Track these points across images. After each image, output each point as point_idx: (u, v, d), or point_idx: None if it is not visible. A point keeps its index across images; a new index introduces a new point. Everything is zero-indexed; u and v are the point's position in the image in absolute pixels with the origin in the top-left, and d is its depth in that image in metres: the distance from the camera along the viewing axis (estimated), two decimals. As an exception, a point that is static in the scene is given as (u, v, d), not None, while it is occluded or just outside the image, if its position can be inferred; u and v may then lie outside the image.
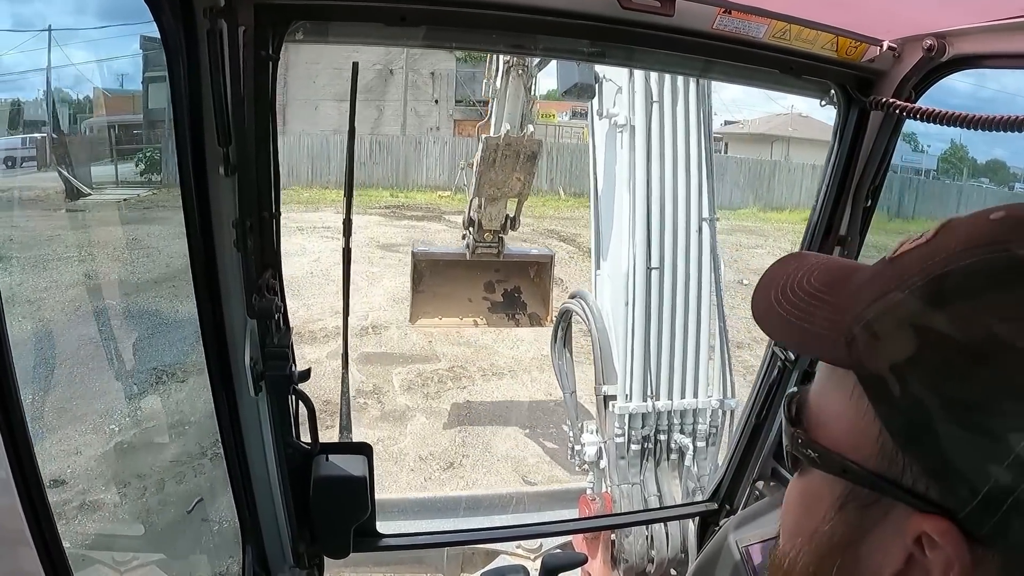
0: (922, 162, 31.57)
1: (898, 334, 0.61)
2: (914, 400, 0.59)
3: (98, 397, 6.42)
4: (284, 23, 1.58)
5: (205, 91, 1.47)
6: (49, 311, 8.25)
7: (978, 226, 0.62)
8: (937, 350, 0.58)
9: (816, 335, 0.69)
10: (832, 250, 2.23)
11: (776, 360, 2.40)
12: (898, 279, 0.63)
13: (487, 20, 1.74)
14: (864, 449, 0.63)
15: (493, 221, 6.47)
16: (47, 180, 13.98)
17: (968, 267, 0.59)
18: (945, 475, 0.58)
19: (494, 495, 6.01)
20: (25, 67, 17.02)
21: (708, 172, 4.22)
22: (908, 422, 0.60)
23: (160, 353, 7.37)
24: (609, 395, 4.20)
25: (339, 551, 2.16)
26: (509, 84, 5.75)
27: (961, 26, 1.71)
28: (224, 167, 1.56)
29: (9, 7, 11.19)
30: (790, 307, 0.72)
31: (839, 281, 0.71)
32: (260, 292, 1.73)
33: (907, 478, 0.60)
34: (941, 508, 0.58)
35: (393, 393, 10.60)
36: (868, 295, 0.65)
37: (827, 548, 0.68)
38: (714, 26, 1.79)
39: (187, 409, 6.34)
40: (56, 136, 15.74)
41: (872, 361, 0.62)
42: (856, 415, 0.64)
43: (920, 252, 0.64)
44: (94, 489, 5.62)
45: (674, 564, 3.93)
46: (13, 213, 11.01)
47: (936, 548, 0.59)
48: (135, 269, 9.97)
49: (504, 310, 7.27)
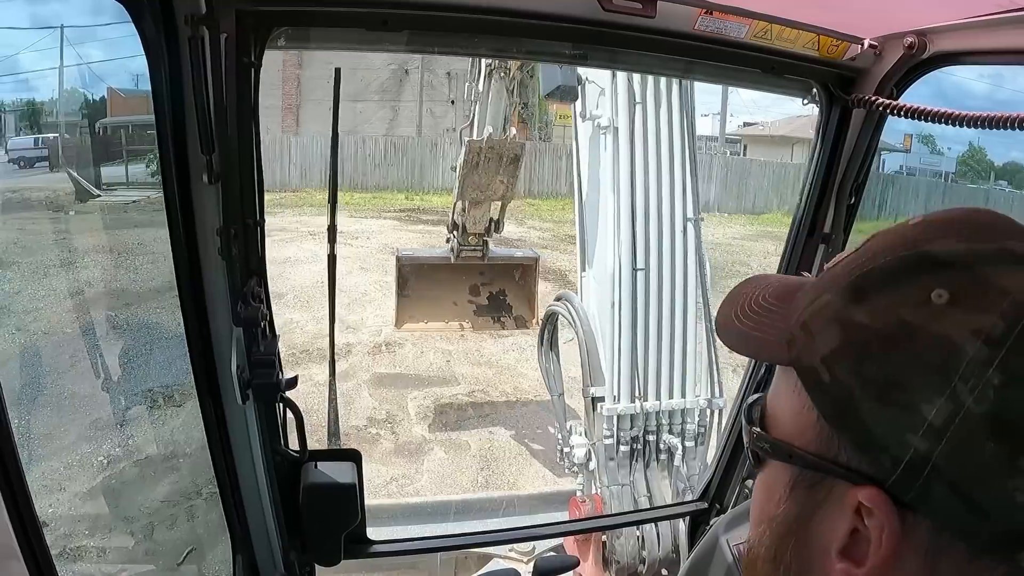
0: (941, 165, 31.67)
1: (828, 329, 0.68)
2: (840, 384, 0.66)
3: (99, 407, 6.40)
4: (266, 30, 1.58)
5: (187, 98, 1.46)
6: (56, 314, 8.19)
7: (898, 232, 0.71)
8: (857, 339, 0.66)
9: (763, 341, 0.77)
10: (817, 247, 2.24)
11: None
12: (829, 283, 0.71)
13: (469, 24, 1.74)
14: (806, 435, 0.71)
15: (477, 224, 6.47)
16: (59, 181, 13.84)
17: (884, 265, 0.67)
18: (871, 448, 0.65)
19: (485, 499, 6.00)
20: (37, 67, 16.86)
21: (692, 172, 4.24)
22: (837, 405, 0.67)
23: (170, 358, 7.29)
24: (597, 397, 4.19)
25: (330, 559, 2.15)
26: (491, 87, 5.76)
27: (941, 23, 1.73)
28: (207, 175, 1.55)
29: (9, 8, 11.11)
30: (747, 320, 0.80)
31: (788, 294, 0.78)
32: (245, 300, 1.72)
33: (842, 456, 0.67)
34: (871, 479, 0.65)
35: (408, 422, 9.59)
36: (805, 300, 0.73)
37: (784, 530, 0.75)
38: (696, 27, 1.79)
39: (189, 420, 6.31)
40: (69, 136, 15.66)
41: (807, 356, 0.70)
42: (799, 406, 0.72)
43: (850, 259, 0.72)
44: (82, 499, 5.58)
45: (665, 564, 3.93)
46: (27, 214, 10.94)
47: (871, 516, 0.65)
48: (140, 275, 9.52)
49: (489, 313, 7.26)
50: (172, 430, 6.35)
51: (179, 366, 6.84)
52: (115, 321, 7.80)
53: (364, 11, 1.64)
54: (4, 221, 10.60)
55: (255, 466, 1.93)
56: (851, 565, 0.67)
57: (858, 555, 0.67)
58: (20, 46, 14.16)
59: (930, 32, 1.76)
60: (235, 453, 1.87)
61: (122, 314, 8.08)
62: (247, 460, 1.91)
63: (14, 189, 12.85)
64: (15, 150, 15.47)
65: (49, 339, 7.38)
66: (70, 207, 12.26)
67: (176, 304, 1.70)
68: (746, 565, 0.83)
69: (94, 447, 6.25)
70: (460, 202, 6.35)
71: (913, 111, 1.76)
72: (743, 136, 34.94)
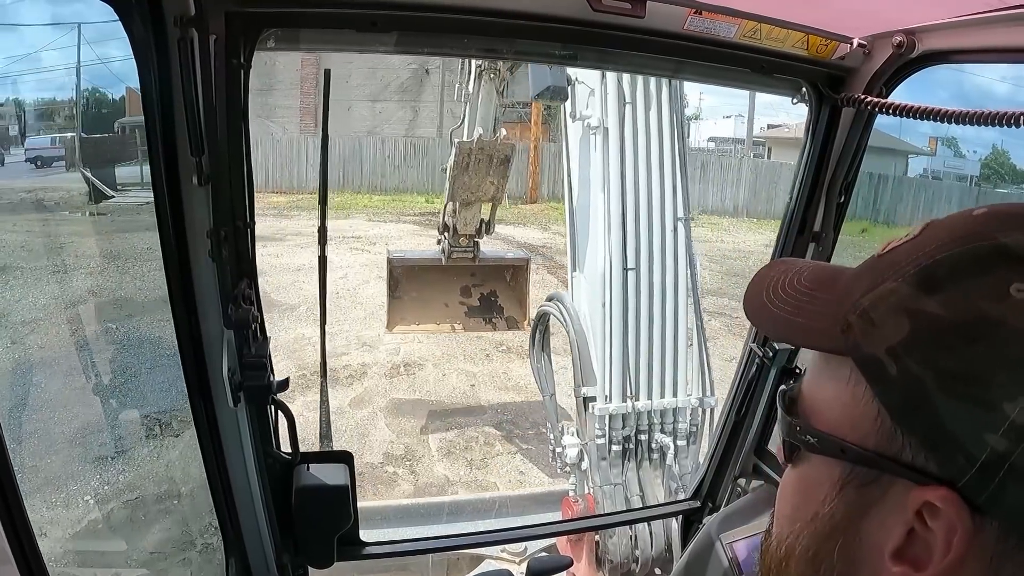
0: (965, 168, 31.50)
1: (893, 318, 0.64)
2: (910, 378, 0.62)
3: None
4: (255, 31, 1.57)
5: (177, 100, 1.45)
6: (69, 315, 8.13)
7: (963, 222, 0.67)
8: (930, 330, 0.62)
9: (809, 328, 0.73)
10: (807, 246, 2.25)
11: (754, 357, 2.43)
12: (890, 270, 0.67)
13: (458, 25, 1.74)
14: (862, 430, 0.67)
15: (468, 226, 6.46)
16: (74, 180, 13.76)
17: (957, 255, 0.63)
18: (943, 446, 0.61)
19: (477, 499, 6.00)
20: (57, 66, 16.80)
21: (682, 172, 4.25)
22: (906, 399, 0.63)
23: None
24: (588, 396, 4.20)
25: (323, 561, 2.15)
26: (481, 88, 5.75)
27: (930, 22, 1.74)
28: (197, 177, 1.54)
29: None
30: (781, 304, 0.77)
31: (828, 280, 0.76)
32: (236, 302, 1.72)
33: (906, 453, 0.63)
34: (940, 479, 0.61)
35: (429, 459, 8.36)
36: (860, 287, 0.69)
37: (828, 529, 0.71)
38: (685, 27, 1.80)
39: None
40: (85, 135, 15.58)
41: (868, 345, 0.66)
42: (853, 399, 0.68)
43: (908, 247, 0.68)
44: (76, 501, 5.55)
45: (659, 563, 3.94)
46: (39, 215, 10.89)
47: (938, 517, 0.61)
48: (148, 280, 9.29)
49: (481, 314, 7.25)
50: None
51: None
52: (130, 323, 7.78)
53: (353, 12, 1.64)
54: (18, 222, 10.51)
55: (247, 468, 1.93)
56: (909, 568, 0.64)
57: (917, 558, 0.64)
58: (26, 46, 14.16)
59: (919, 31, 1.77)
60: (227, 456, 1.87)
61: (136, 316, 8.10)
62: (239, 463, 1.90)
63: (29, 189, 12.73)
64: (32, 149, 15.41)
65: (71, 337, 7.38)
66: (84, 208, 12.15)
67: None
68: (771, 564, 0.79)
69: (105, 443, 6.25)
70: (451, 203, 6.34)
71: (902, 109, 1.77)
72: (768, 138, 34.70)
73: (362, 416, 9.16)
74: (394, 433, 8.84)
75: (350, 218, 20.84)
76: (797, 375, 2.33)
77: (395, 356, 11.08)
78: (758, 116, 33.79)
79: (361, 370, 10.48)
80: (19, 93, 16.00)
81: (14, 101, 15.79)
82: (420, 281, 7.06)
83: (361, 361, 10.78)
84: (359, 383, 10.06)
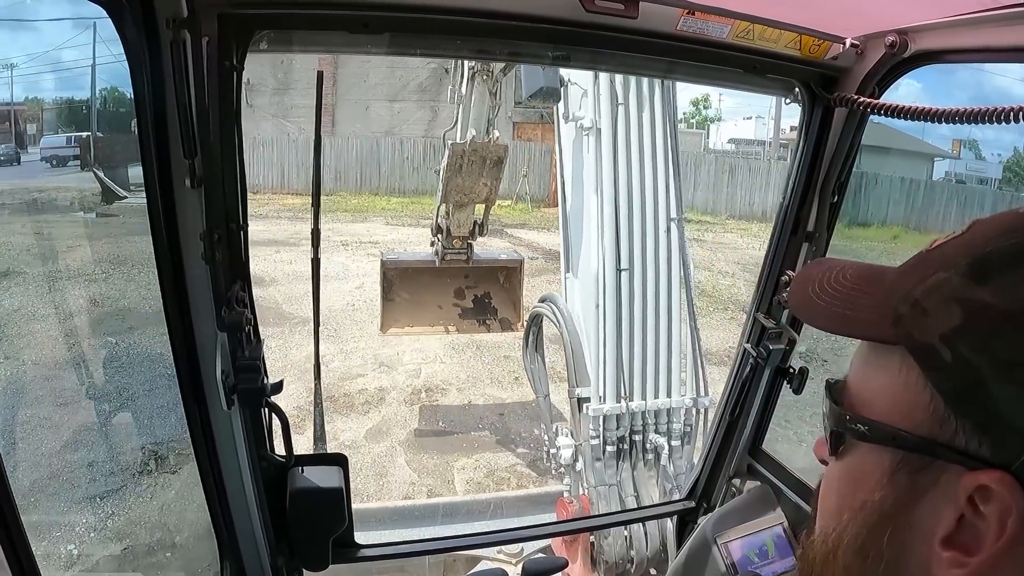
0: (987, 171, 31.38)
1: (946, 307, 0.67)
2: (965, 364, 0.64)
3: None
4: (247, 33, 1.57)
5: (169, 102, 1.45)
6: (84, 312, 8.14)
7: (1010, 219, 0.70)
8: (984, 318, 0.64)
9: (859, 319, 0.75)
10: (800, 246, 2.26)
11: (748, 358, 2.43)
12: (940, 263, 0.70)
13: (451, 26, 1.74)
14: (914, 417, 0.68)
15: (461, 227, 6.45)
16: (88, 180, 13.62)
17: (1006, 248, 0.66)
18: (997, 430, 0.63)
19: (472, 501, 5.99)
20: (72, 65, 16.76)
21: (675, 172, 4.26)
22: (960, 384, 0.65)
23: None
24: (583, 397, 4.20)
25: (318, 563, 2.15)
26: (474, 89, 5.75)
27: (923, 22, 1.74)
28: (190, 179, 1.54)
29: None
30: (829, 299, 0.79)
31: (874, 277, 0.78)
32: (229, 305, 1.71)
33: (959, 439, 0.65)
34: (993, 463, 0.63)
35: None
36: (911, 279, 0.72)
37: (877, 518, 0.72)
38: (678, 27, 1.80)
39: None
40: (101, 134, 15.50)
41: (921, 334, 0.68)
42: (904, 386, 0.70)
43: (957, 242, 0.71)
44: (71, 507, 5.53)
45: (654, 563, 3.94)
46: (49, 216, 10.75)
47: (992, 500, 0.63)
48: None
49: (475, 316, 7.24)
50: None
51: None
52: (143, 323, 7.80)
53: (345, 14, 1.64)
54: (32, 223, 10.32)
55: (241, 471, 1.92)
56: (960, 554, 0.65)
57: (967, 543, 0.65)
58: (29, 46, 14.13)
59: (911, 31, 1.78)
60: (221, 458, 1.86)
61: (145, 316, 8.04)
62: (233, 465, 1.90)
63: (41, 189, 12.56)
64: (48, 148, 15.36)
65: (79, 342, 7.35)
66: (94, 208, 12.04)
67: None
68: (815, 559, 0.80)
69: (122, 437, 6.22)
70: (444, 205, 6.33)
71: (895, 109, 1.77)
72: (790, 141, 34.36)
73: (380, 452, 8.29)
74: (416, 472, 7.96)
75: (368, 221, 20.35)
76: (791, 375, 2.33)
77: (415, 379, 10.28)
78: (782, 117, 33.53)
79: (378, 395, 9.68)
80: (34, 93, 16.00)
81: (30, 101, 15.80)
82: (414, 283, 7.05)
83: (378, 384, 9.95)
84: (376, 411, 9.26)
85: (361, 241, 17.10)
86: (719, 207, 24.95)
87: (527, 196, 23.61)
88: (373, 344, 10.97)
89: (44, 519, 5.25)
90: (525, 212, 22.92)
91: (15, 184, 12.82)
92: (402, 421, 9.06)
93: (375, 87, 24.78)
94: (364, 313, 12.05)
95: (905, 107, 1.73)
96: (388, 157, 24.84)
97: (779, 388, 2.46)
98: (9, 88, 14.78)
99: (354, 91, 24.82)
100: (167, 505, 5.85)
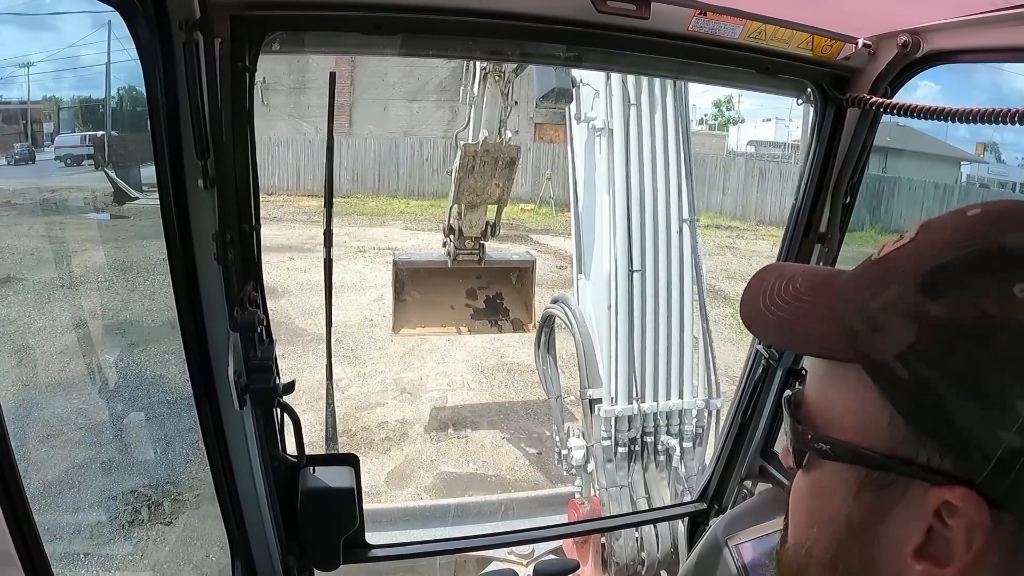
0: (1010, 175, 30.96)
1: (900, 324, 0.65)
2: (922, 381, 0.63)
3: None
4: (260, 34, 1.58)
5: (182, 104, 1.46)
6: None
7: (959, 223, 0.69)
8: (938, 335, 0.63)
9: (811, 334, 0.75)
10: (813, 248, 2.25)
11: (760, 359, 2.42)
12: (891, 275, 0.69)
13: (463, 27, 1.74)
14: (875, 434, 0.68)
15: (474, 228, 6.46)
16: (101, 180, 13.55)
17: (958, 259, 0.65)
18: (959, 446, 0.62)
19: (483, 501, 5.99)
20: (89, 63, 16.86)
21: (687, 173, 4.25)
22: (919, 402, 0.64)
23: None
24: (594, 399, 4.20)
25: (329, 563, 2.15)
26: (486, 90, 5.75)
27: (935, 22, 1.73)
28: (203, 180, 1.55)
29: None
30: (778, 311, 0.78)
31: (824, 285, 0.77)
32: (242, 305, 1.72)
33: (922, 455, 0.65)
34: (957, 478, 0.63)
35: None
36: (862, 293, 0.71)
37: (846, 532, 0.72)
38: (689, 28, 1.80)
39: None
40: (116, 133, 15.56)
41: (877, 352, 0.67)
42: (863, 404, 0.69)
43: (907, 251, 0.70)
44: (82, 506, 5.55)
45: (665, 565, 3.93)
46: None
47: (957, 515, 0.63)
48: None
49: (487, 317, 7.24)
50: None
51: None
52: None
53: (358, 15, 1.64)
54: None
55: (253, 471, 1.93)
56: (931, 566, 0.65)
57: (938, 555, 0.65)
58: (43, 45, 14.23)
59: (924, 31, 1.77)
60: (233, 458, 1.87)
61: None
62: (245, 465, 1.91)
63: (54, 188, 12.42)
64: (62, 148, 15.33)
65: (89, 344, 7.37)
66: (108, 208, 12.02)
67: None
68: (788, 570, 0.81)
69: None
70: (456, 206, 6.34)
71: (907, 109, 1.76)
72: None
73: (404, 499, 7.29)
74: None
75: (386, 225, 19.74)
76: (803, 376, 2.32)
77: (441, 410, 9.22)
78: (797, 118, 33.00)
79: (400, 430, 8.68)
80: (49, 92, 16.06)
81: (44, 100, 15.88)
82: (426, 284, 7.06)
83: (401, 416, 8.96)
84: (398, 448, 8.30)
85: (379, 247, 16.31)
86: (748, 212, 24.38)
87: (551, 200, 23.35)
88: (394, 367, 10.28)
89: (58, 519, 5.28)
90: (549, 216, 22.64)
91: (27, 184, 12.75)
92: (427, 462, 8.12)
93: (393, 86, 24.49)
94: (383, 329, 10.55)
95: (917, 106, 1.72)
96: (407, 158, 24.37)
97: (791, 389, 2.45)
98: (23, 87, 14.88)
99: (372, 90, 24.56)
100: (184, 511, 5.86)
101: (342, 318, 11.19)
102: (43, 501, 5.18)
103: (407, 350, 10.58)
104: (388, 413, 9.05)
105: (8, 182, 11.72)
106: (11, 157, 13.20)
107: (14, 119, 14.15)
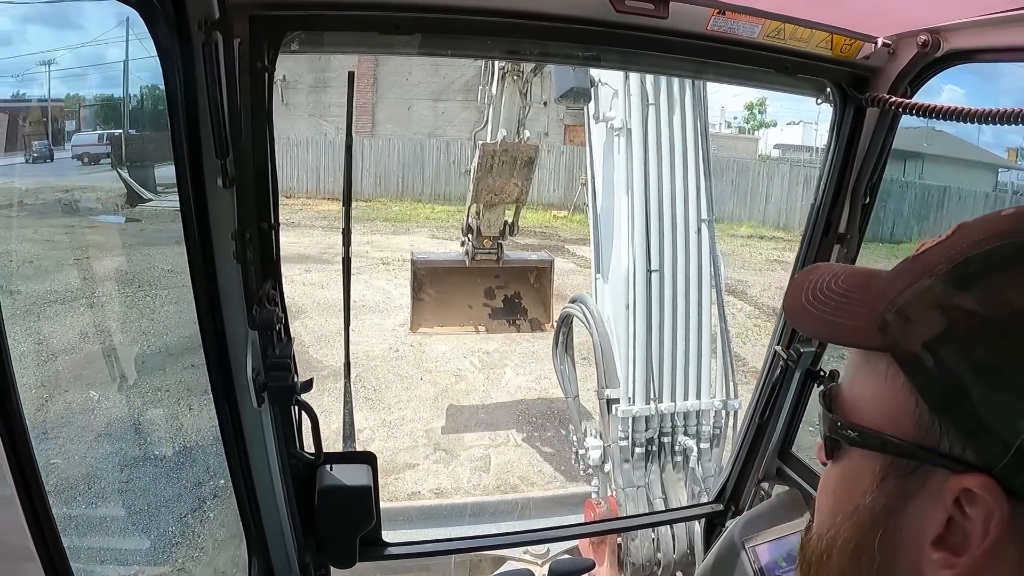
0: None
1: (928, 315, 0.68)
2: (947, 370, 0.66)
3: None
4: (279, 34, 1.59)
5: (202, 103, 1.47)
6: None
7: (993, 222, 0.71)
8: (965, 324, 0.66)
9: (847, 327, 0.76)
10: (832, 247, 2.23)
11: (778, 360, 2.41)
12: (924, 270, 0.71)
13: (481, 27, 1.74)
14: (901, 423, 0.70)
15: (492, 227, 6.48)
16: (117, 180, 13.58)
17: (988, 253, 0.67)
18: (980, 434, 0.64)
19: (499, 501, 5.99)
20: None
21: (705, 173, 4.23)
22: (943, 390, 0.66)
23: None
24: (612, 399, 4.19)
25: (345, 561, 2.16)
26: (504, 90, 5.76)
27: (955, 21, 1.72)
28: (222, 178, 1.56)
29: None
30: (821, 306, 0.80)
31: (865, 283, 0.79)
32: (261, 303, 1.73)
33: (944, 443, 0.66)
34: (977, 467, 0.64)
35: None
36: (896, 286, 0.73)
37: (869, 520, 0.73)
38: (708, 27, 1.79)
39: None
40: (134, 132, 15.64)
41: (906, 341, 0.69)
42: (891, 393, 0.71)
43: (942, 247, 0.72)
44: (100, 501, 5.60)
45: (681, 566, 3.92)
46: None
47: (976, 503, 0.64)
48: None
49: (505, 316, 7.26)
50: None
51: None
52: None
53: (377, 15, 1.65)
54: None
55: (270, 469, 1.94)
56: (949, 555, 0.66)
57: (955, 544, 0.66)
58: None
59: (944, 30, 1.75)
60: (251, 456, 1.88)
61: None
62: (262, 463, 1.92)
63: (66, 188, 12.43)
64: (79, 146, 15.34)
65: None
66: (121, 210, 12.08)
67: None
68: (811, 559, 0.82)
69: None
70: (474, 205, 6.36)
71: (927, 109, 1.75)
72: None
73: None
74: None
75: (411, 233, 18.62)
76: (821, 377, 2.31)
77: (483, 473, 7.51)
78: (823, 121, 32.31)
79: (434, 497, 6.96)
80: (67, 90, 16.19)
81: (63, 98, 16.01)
82: (444, 283, 7.09)
83: (436, 484, 7.25)
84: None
85: (404, 259, 11.84)
86: (792, 221, 22.99)
87: (587, 206, 22.75)
88: (425, 412, 8.61)
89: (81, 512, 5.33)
90: (583, 225, 21.89)
91: (43, 183, 12.70)
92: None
93: (417, 86, 24.06)
94: (410, 363, 9.32)
95: (937, 107, 1.71)
96: (432, 160, 23.63)
97: (809, 391, 2.43)
98: (42, 85, 15.00)
99: (395, 90, 24.18)
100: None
101: (363, 347, 9.80)
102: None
103: (439, 391, 9.18)
104: (419, 479, 7.40)
105: (24, 180, 11.65)
106: (29, 155, 13.28)
107: (31, 117, 14.25)
